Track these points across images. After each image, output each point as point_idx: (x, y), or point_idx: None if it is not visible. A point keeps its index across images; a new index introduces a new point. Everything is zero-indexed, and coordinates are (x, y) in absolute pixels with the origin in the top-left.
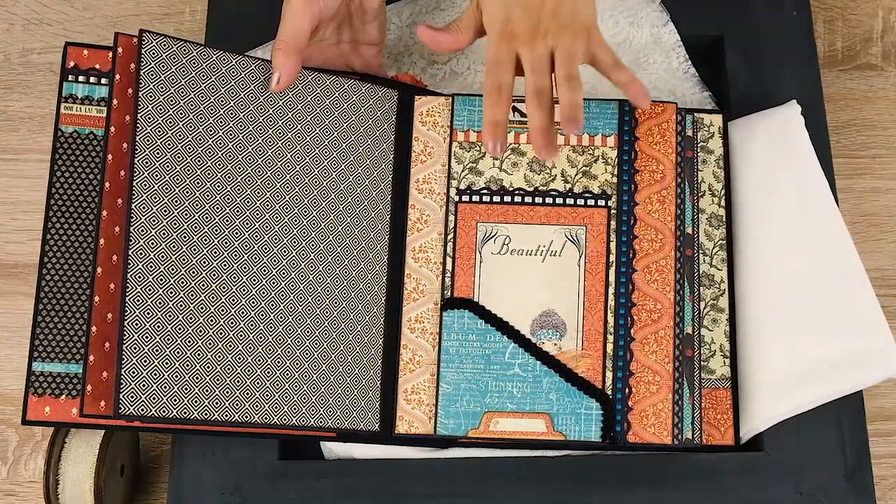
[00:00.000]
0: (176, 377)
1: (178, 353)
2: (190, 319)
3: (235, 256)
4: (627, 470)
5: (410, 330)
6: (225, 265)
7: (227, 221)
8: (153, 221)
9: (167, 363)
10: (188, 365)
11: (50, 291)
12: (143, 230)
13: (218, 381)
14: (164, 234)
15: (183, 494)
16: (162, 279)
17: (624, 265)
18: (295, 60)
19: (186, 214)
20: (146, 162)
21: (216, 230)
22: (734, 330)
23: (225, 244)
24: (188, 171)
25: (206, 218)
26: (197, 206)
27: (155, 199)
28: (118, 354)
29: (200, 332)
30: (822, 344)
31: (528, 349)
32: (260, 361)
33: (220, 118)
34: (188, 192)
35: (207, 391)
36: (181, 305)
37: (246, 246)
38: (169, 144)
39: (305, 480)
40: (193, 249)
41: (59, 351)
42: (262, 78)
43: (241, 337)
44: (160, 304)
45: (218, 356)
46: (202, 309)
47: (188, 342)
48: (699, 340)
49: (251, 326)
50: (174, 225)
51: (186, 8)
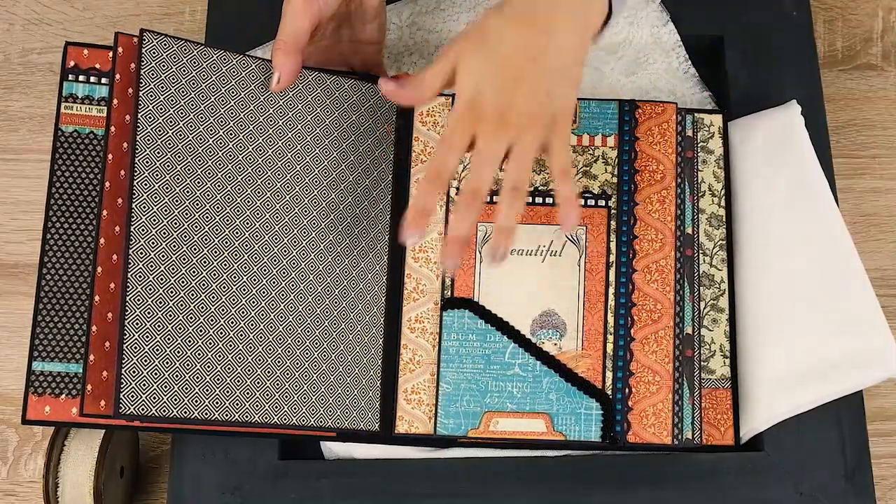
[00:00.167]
0: (176, 377)
1: (178, 352)
2: (190, 319)
3: (235, 256)
4: (627, 470)
5: (410, 330)
6: (225, 265)
7: (227, 221)
8: (153, 221)
9: (167, 363)
10: (188, 364)
11: (50, 291)
12: (143, 230)
13: (218, 380)
14: (164, 233)
15: (183, 494)
16: (162, 279)
17: (624, 265)
18: (295, 60)
19: (187, 214)
20: (146, 161)
21: (216, 230)
22: (734, 330)
23: (225, 244)
24: (188, 170)
25: (206, 217)
26: (197, 205)
27: (155, 198)
28: (118, 354)
29: (201, 331)
30: (822, 344)
31: (528, 349)
32: (260, 361)
33: (220, 118)
34: (188, 191)
35: (208, 391)
36: (181, 305)
37: (246, 245)
38: (169, 144)
39: (305, 480)
40: (194, 249)
41: (59, 350)
42: (262, 77)
43: (241, 336)
44: (160, 303)
45: (218, 356)
46: (202, 308)
47: (188, 341)
48: (699, 340)
49: (251, 326)
50: (174, 224)
51: (186, 8)
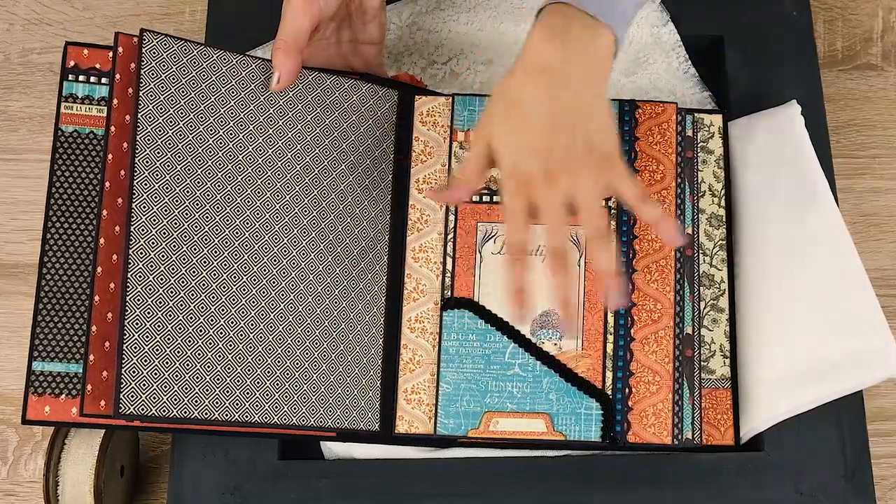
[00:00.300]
0: (176, 377)
1: (178, 352)
2: (190, 319)
3: (235, 256)
4: (627, 470)
5: (410, 330)
6: (225, 265)
7: (227, 221)
8: (153, 221)
9: (167, 363)
10: (188, 364)
11: (50, 291)
12: (143, 230)
13: (218, 380)
14: (164, 233)
15: (183, 494)
16: (162, 279)
17: (624, 265)
18: (295, 60)
19: (187, 214)
20: (146, 161)
21: (216, 230)
22: (734, 330)
23: (225, 244)
24: (188, 170)
25: (206, 217)
26: (197, 205)
27: (155, 198)
28: (118, 354)
29: (200, 331)
30: (822, 344)
31: (528, 349)
32: (260, 361)
33: (220, 118)
34: (188, 191)
35: (208, 391)
36: (181, 305)
37: (246, 246)
38: (169, 144)
39: (305, 480)
40: (194, 249)
41: (59, 350)
42: (262, 77)
43: (241, 336)
44: (160, 303)
45: (218, 356)
46: (202, 308)
47: (188, 342)
48: (699, 340)
49: (251, 326)
50: (174, 224)
51: (186, 8)
